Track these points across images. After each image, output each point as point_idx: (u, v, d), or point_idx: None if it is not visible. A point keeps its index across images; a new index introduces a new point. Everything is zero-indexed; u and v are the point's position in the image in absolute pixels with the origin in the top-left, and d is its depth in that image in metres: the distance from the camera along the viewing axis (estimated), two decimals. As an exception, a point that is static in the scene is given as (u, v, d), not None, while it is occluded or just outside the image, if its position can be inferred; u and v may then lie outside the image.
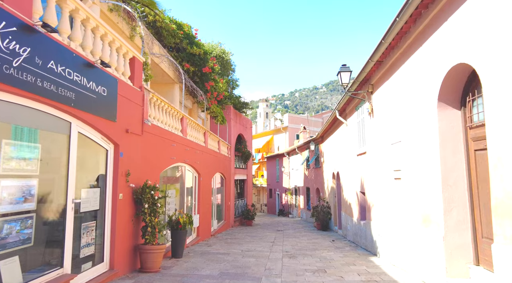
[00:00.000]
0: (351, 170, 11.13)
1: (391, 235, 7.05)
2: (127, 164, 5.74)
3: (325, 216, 16.35)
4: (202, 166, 11.31)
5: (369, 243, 8.86)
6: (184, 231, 7.58)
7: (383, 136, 7.58)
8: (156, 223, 6.01)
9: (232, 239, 11.95)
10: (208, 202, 12.46)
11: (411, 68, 5.86)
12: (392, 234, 6.98)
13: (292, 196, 28.94)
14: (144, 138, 6.51)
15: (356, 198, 10.54)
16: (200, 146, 11.20)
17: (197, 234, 10.91)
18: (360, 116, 9.75)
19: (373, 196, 8.48)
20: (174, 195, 8.71)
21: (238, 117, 20.79)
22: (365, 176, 9.25)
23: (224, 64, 19.29)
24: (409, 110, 5.95)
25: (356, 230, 10.46)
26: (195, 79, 12.66)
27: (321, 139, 19.10)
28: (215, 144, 14.27)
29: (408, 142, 5.99)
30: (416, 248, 5.61)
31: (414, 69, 5.72)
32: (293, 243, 10.80)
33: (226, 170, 16.63)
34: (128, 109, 5.84)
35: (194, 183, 10.69)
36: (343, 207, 13.13)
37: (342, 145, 12.79)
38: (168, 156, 7.89)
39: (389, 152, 7.10)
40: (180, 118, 9.32)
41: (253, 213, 20.32)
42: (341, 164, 13.21)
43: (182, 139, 9.13)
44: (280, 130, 38.93)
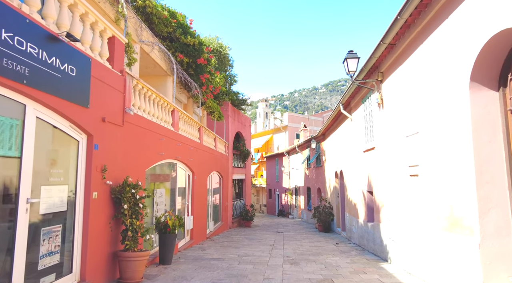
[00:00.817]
0: (357, 167, 10.35)
1: (405, 240, 6.27)
2: (104, 158, 4.95)
3: (327, 217, 15.57)
4: (196, 164, 10.53)
5: (378, 247, 8.08)
6: (174, 235, 6.79)
7: (395, 129, 6.80)
8: (138, 226, 5.22)
9: (229, 242, 11.17)
10: (203, 202, 11.67)
11: (432, 47, 5.08)
12: (407, 238, 6.20)
13: (292, 196, 28.15)
14: (126, 130, 5.72)
15: (362, 197, 9.76)
16: (194, 142, 10.42)
17: (190, 237, 10.12)
18: (368, 109, 8.98)
19: (382, 195, 7.71)
20: (163, 194, 7.93)
21: (237, 115, 20.00)
22: (373, 174, 8.47)
23: (222, 58, 18.51)
24: (429, 97, 5.17)
25: (363, 233, 9.68)
26: (190, 71, 11.87)
27: (323, 137, 18.33)
28: (211, 141, 13.48)
29: (428, 132, 5.21)
30: (440, 255, 4.83)
31: (436, 48, 4.94)
32: (294, 247, 10.02)
33: (223, 169, 15.85)
34: (105, 95, 5.06)
35: (187, 182, 9.91)
36: (347, 208, 12.35)
37: (346, 141, 12.01)
38: (156, 151, 7.11)
39: (403, 145, 6.33)
40: (171, 111, 8.54)
41: (252, 214, 19.52)
42: (345, 162, 12.43)
43: (173, 134, 8.35)
44: (280, 129, 38.13)
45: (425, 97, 5.36)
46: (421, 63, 5.52)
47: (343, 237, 12.70)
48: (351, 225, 11.44)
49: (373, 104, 8.30)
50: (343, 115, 12.45)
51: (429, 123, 5.18)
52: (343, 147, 12.62)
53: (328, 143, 16.87)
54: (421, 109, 5.51)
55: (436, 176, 4.95)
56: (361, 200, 9.94)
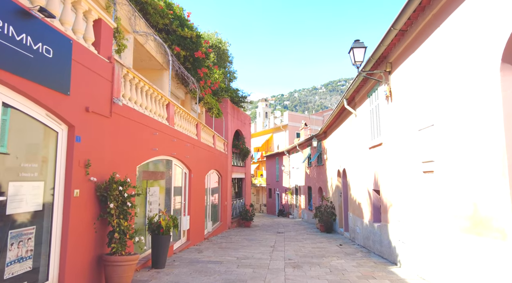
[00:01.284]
0: (361, 165, 9.87)
1: (418, 241, 5.78)
2: (87, 151, 4.47)
3: (329, 217, 15.09)
4: (193, 161, 10.04)
5: (385, 249, 7.59)
6: (167, 236, 6.31)
7: (405, 122, 6.32)
8: (126, 227, 4.74)
9: (228, 243, 10.68)
10: (201, 201, 11.19)
11: (451, 30, 4.60)
12: (419, 240, 5.72)
13: (293, 195, 27.67)
14: (114, 122, 5.24)
15: (367, 196, 9.28)
16: (191, 139, 9.93)
17: (187, 238, 9.63)
18: (374, 103, 8.49)
19: (391, 194, 7.22)
20: (158, 193, 7.44)
21: (236, 112, 19.52)
22: (380, 171, 7.99)
23: (221, 54, 18.04)
24: (447, 85, 4.69)
25: (368, 234, 9.20)
26: (187, 65, 11.38)
27: (324, 135, 17.85)
28: (209, 138, 13.00)
29: (445, 124, 4.73)
30: (459, 260, 4.35)
31: (457, 30, 4.46)
32: (296, 248, 9.53)
33: (222, 167, 15.36)
34: (89, 83, 4.57)
35: (184, 180, 9.42)
36: (350, 207, 11.87)
37: (350, 138, 11.53)
38: (149, 146, 6.62)
39: (415, 140, 5.84)
40: (166, 104, 8.05)
41: (251, 214, 19.03)
42: (348, 160, 11.95)
43: (168, 129, 7.86)
44: (280, 128, 37.60)
45: (441, 86, 4.88)
46: (437, 50, 5.04)
47: (346, 238, 12.22)
48: (355, 225, 10.96)
49: (380, 97, 7.82)
50: (346, 111, 11.97)
51: (447, 114, 4.69)
52: (347, 144, 12.14)
53: (330, 141, 16.39)
54: (436, 99, 5.03)
55: (455, 171, 4.47)
56: (366, 199, 9.46)
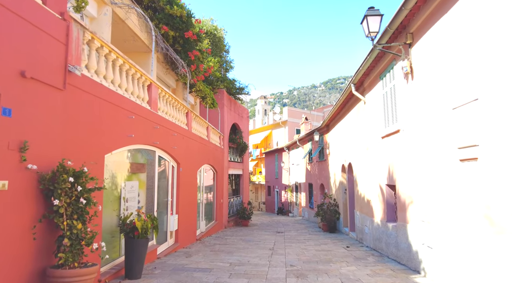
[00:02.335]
0: (372, 158, 8.78)
1: (451, 247, 4.69)
2: (23, 130, 3.35)
3: (332, 215, 14.00)
4: (182, 154, 8.93)
5: (404, 254, 6.51)
6: (144, 240, 5.20)
7: (432, 102, 5.22)
8: (81, 230, 3.62)
9: (222, 245, 9.59)
10: (192, 198, 10.09)
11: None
12: (454, 245, 4.62)
13: (293, 193, 26.59)
14: (71, 96, 4.12)
15: (379, 193, 8.19)
16: (180, 128, 8.82)
17: (175, 240, 8.53)
18: (388, 85, 7.39)
19: (411, 189, 6.13)
20: (136, 188, 6.34)
21: (233, 105, 18.39)
22: (397, 163, 6.89)
23: (216, 42, 16.89)
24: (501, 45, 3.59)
25: (380, 235, 8.11)
26: (176, 47, 10.23)
27: (327, 128, 16.75)
28: (202, 130, 11.88)
29: (497, 96, 3.64)
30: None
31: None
32: (298, 251, 8.45)
33: (217, 162, 14.25)
34: (28, 40, 3.45)
35: (170, 175, 8.31)
36: (357, 205, 10.79)
37: (357, 129, 10.43)
38: (123, 132, 5.51)
39: (447, 121, 4.75)
40: (148, 85, 6.93)
41: (249, 212, 17.95)
42: (355, 153, 10.85)
43: (150, 114, 6.75)
44: (279, 124, 36.46)
45: (490, 49, 3.78)
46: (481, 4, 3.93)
47: (353, 239, 11.15)
48: (363, 225, 9.89)
49: (398, 76, 6.72)
50: (353, 99, 10.87)
51: (499, 82, 3.59)
52: (353, 136, 11.04)
53: (333, 134, 15.30)
54: (482, 67, 3.93)
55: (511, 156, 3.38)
56: (377, 196, 8.37)
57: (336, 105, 12.38)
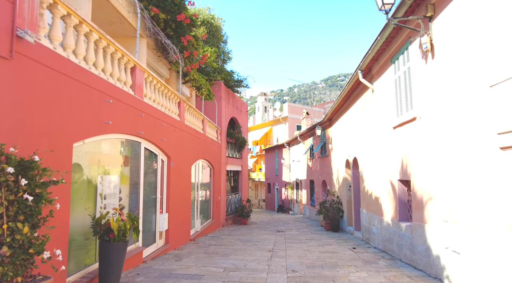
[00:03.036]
0: (381, 151, 8.00)
1: (486, 253, 3.92)
2: None
3: (335, 213, 13.25)
4: (173, 147, 8.16)
5: (420, 258, 5.74)
6: (121, 244, 4.44)
7: (461, 81, 4.45)
8: (28, 236, 2.85)
9: (217, 246, 8.83)
10: (186, 196, 9.33)
11: None
12: (490, 250, 3.86)
13: (293, 190, 25.85)
14: (21, 68, 3.34)
15: (389, 189, 7.43)
16: (170, 119, 8.04)
17: (165, 241, 7.77)
18: (402, 68, 6.60)
19: (431, 184, 5.36)
20: (117, 184, 5.57)
21: (231, 98, 17.58)
22: (412, 156, 6.12)
23: (213, 31, 16.09)
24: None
25: (391, 235, 7.35)
26: (168, 31, 9.43)
27: (329, 122, 15.98)
28: (197, 122, 11.10)
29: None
30: None
31: None
32: (300, 253, 7.70)
33: (214, 158, 13.48)
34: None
35: (159, 169, 7.54)
36: (363, 203, 10.03)
37: (364, 121, 9.65)
38: (97, 117, 4.73)
39: (482, 103, 3.97)
40: (131, 67, 6.14)
41: (248, 210, 17.19)
42: (361, 147, 10.08)
43: (134, 101, 5.97)
44: (280, 121, 35.59)
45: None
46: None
47: (358, 239, 10.40)
48: (370, 224, 9.13)
49: (414, 57, 5.93)
50: (359, 88, 10.09)
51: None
52: (358, 129, 10.27)
53: (336, 128, 14.52)
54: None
55: None
56: (387, 193, 7.60)
57: (340, 96, 11.60)
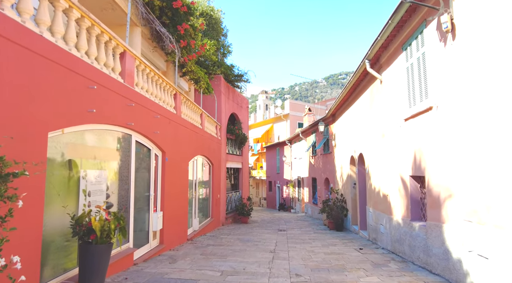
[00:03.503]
0: (390, 146, 7.49)
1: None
2: None
3: (339, 212, 12.75)
4: (168, 141, 7.67)
5: (437, 261, 5.24)
6: (105, 246, 3.95)
7: (488, 64, 3.93)
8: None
9: (216, 246, 8.35)
10: (183, 193, 8.84)
11: None
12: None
13: (295, 188, 25.36)
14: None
15: (400, 186, 6.92)
16: (165, 111, 7.55)
17: (160, 241, 7.29)
18: (415, 54, 6.08)
19: (451, 179, 4.85)
20: (105, 180, 5.08)
21: (231, 93, 17.07)
22: (428, 149, 5.60)
23: (213, 24, 15.54)
24: None
25: (401, 236, 6.85)
26: (163, 19, 8.92)
27: (333, 118, 15.46)
28: (195, 117, 10.60)
29: None
30: None
31: None
32: (304, 254, 7.20)
33: (213, 154, 12.99)
34: None
35: (153, 165, 7.05)
36: (370, 201, 9.52)
37: (370, 115, 9.14)
38: (79, 104, 4.23)
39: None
40: (120, 53, 5.63)
41: (249, 208, 16.71)
42: (367, 142, 9.57)
43: (123, 89, 5.47)
44: (281, 118, 35.05)
45: None
46: None
47: (364, 238, 9.90)
48: (377, 223, 8.63)
49: (430, 41, 5.40)
50: (365, 81, 9.57)
51: None
52: (365, 123, 9.75)
53: (340, 124, 13.99)
54: None
55: None
56: (397, 190, 7.09)
57: (345, 89, 11.06)
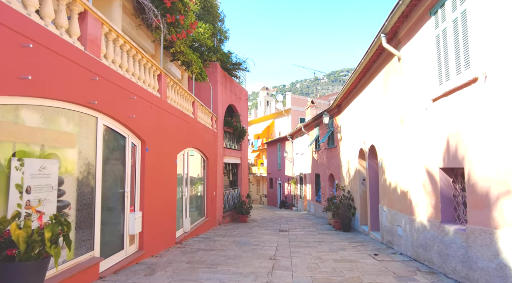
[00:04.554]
0: (412, 133, 6.32)
1: None
2: None
3: (346, 211, 11.61)
4: (150, 128, 6.51)
5: (487, 278, 4.06)
6: (36, 263, 2.81)
7: None
8: None
9: (207, 251, 7.21)
10: (169, 190, 7.69)
11: None
12: None
13: (296, 185, 24.21)
14: None
15: (426, 180, 5.74)
16: (146, 93, 6.38)
17: (139, 246, 6.14)
18: (450, 16, 4.88)
19: (508, 171, 3.68)
20: (54, 171, 3.92)
21: (229, 82, 15.88)
22: (470, 133, 4.42)
23: (208, 8, 14.34)
24: None
25: (427, 240, 5.68)
26: (146, -9, 7.74)
27: (338, 109, 14.28)
28: (186, 104, 9.43)
29: None
30: None
31: None
32: (310, 262, 6.05)
33: (208, 147, 11.83)
34: None
35: (129, 155, 5.89)
36: (383, 198, 8.36)
37: (385, 100, 7.96)
38: (7, 67, 3.07)
39: None
40: (79, 13, 4.45)
41: (248, 206, 15.59)
42: (381, 132, 8.40)
43: (82, 57, 4.29)
44: (282, 113, 33.82)
45: None
46: None
47: (376, 241, 8.74)
48: (393, 224, 7.47)
49: (473, -6, 4.21)
50: (378, 62, 8.39)
51: None
52: (378, 111, 8.58)
53: (346, 115, 12.81)
54: None
55: None
56: (421, 185, 5.92)
57: (354, 74, 9.87)
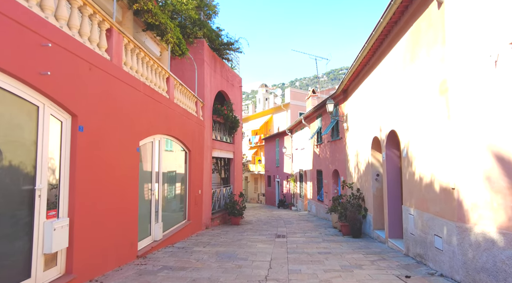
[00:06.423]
0: (466, 101, 4.38)
1: None
2: None
3: (355, 212, 9.69)
4: (88, 99, 4.55)
5: None
6: None
7: None
8: None
9: (173, 271, 5.26)
10: (129, 188, 5.74)
11: None
12: None
13: (296, 183, 22.30)
14: None
15: (494, 171, 3.80)
16: (82, 48, 4.42)
17: (66, 268, 4.17)
18: None
19: None
20: None
21: (219, 65, 13.90)
22: None
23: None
24: None
25: (496, 262, 3.74)
26: None
27: (344, 95, 12.35)
28: (158, 81, 7.46)
29: None
30: None
31: None
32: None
33: (191, 137, 9.87)
34: None
35: (43, 135, 3.94)
36: (410, 197, 6.43)
37: (414, 69, 6.02)
38: None
39: None
40: None
41: (241, 207, 13.64)
42: (407, 111, 6.47)
43: None
44: (281, 108, 31.81)
45: None
46: None
47: (398, 251, 6.82)
48: (427, 232, 5.54)
49: None
50: (401, 24, 6.44)
51: None
52: (402, 86, 6.64)
53: (355, 100, 10.88)
54: None
55: None
56: (484, 178, 4.01)
57: (368, 44, 7.89)
